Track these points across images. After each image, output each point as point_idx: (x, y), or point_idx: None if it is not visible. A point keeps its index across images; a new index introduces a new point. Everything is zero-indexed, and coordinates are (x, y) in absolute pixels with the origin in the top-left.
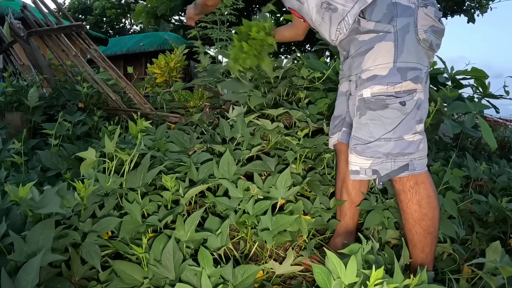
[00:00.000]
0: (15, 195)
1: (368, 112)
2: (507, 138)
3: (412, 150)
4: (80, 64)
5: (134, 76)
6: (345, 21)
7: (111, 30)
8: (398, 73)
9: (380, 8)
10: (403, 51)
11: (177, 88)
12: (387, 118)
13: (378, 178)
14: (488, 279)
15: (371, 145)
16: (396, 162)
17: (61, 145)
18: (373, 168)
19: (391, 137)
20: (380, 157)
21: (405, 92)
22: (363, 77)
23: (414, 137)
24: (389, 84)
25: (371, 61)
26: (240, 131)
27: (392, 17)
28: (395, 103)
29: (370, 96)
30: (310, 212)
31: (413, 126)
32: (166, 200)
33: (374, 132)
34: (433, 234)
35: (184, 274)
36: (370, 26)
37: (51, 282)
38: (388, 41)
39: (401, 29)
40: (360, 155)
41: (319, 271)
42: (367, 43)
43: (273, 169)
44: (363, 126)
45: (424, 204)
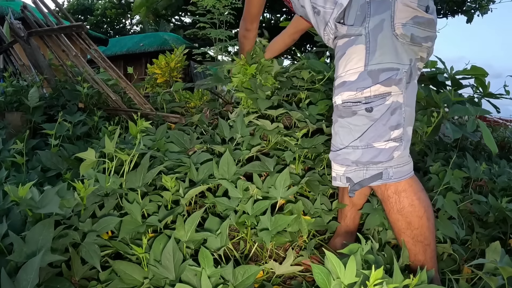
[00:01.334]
0: (15, 195)
1: (339, 119)
2: (507, 138)
3: (384, 158)
4: (80, 64)
5: (134, 76)
6: (328, 26)
7: (111, 30)
8: (369, 76)
9: (354, 10)
10: (375, 52)
11: (177, 88)
12: (355, 125)
13: (350, 186)
14: (488, 279)
15: (340, 153)
16: (368, 171)
17: (61, 145)
18: (347, 175)
19: (358, 145)
20: (350, 164)
21: (376, 96)
22: (335, 84)
23: (387, 145)
24: (358, 89)
25: (343, 67)
26: (240, 131)
27: (364, 18)
28: (361, 110)
29: (341, 102)
30: (310, 212)
31: (385, 133)
32: (166, 201)
33: (343, 139)
34: (424, 242)
35: (184, 274)
36: (343, 31)
37: (51, 282)
38: (358, 44)
39: (373, 29)
40: (334, 162)
41: (319, 271)
42: (341, 49)
43: (271, 170)
44: (335, 134)
45: (407, 213)
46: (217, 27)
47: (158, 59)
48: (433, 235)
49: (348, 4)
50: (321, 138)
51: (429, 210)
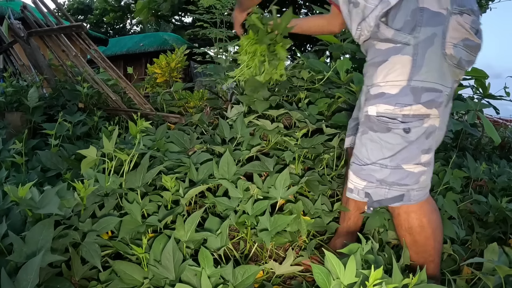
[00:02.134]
0: (14, 195)
1: (370, 132)
2: (507, 138)
3: (410, 181)
4: (80, 64)
5: (134, 76)
6: (366, 22)
7: (111, 30)
8: (411, 93)
9: (404, 13)
10: (422, 67)
11: (177, 88)
12: (387, 143)
13: (369, 203)
14: (486, 278)
15: (365, 168)
16: (391, 191)
17: (61, 145)
18: (366, 191)
19: (388, 164)
20: (373, 182)
21: (415, 116)
22: (371, 93)
23: (415, 168)
24: (397, 104)
25: (382, 76)
26: (240, 131)
27: (414, 26)
28: (398, 129)
29: (375, 114)
30: (310, 212)
31: (417, 156)
32: (166, 200)
33: (371, 155)
34: (429, 258)
35: (184, 274)
36: (388, 34)
37: (51, 282)
38: (405, 54)
39: (424, 41)
40: (355, 174)
41: (319, 272)
42: (382, 54)
43: (271, 169)
44: (362, 145)
45: (415, 232)
46: (217, 26)
47: (159, 59)
48: (438, 253)
49: (396, 4)
50: (321, 138)
51: (438, 232)
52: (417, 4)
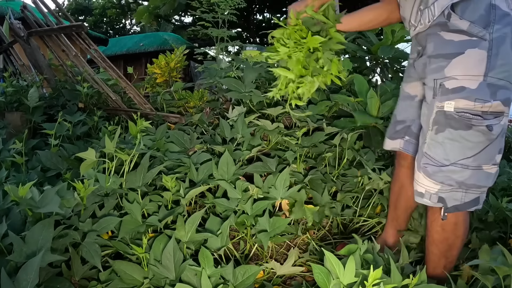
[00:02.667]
0: (15, 195)
1: (448, 129)
2: (507, 138)
3: (487, 183)
4: (80, 64)
5: (134, 76)
6: (430, 10)
7: (111, 30)
8: (488, 89)
9: (477, 7)
10: (496, 65)
11: (177, 88)
12: (469, 142)
13: (444, 209)
14: (484, 278)
15: (444, 169)
16: (468, 194)
17: (61, 145)
18: (440, 195)
19: (469, 165)
20: (452, 184)
21: (493, 114)
22: (447, 86)
23: (493, 169)
24: (477, 100)
25: (460, 69)
26: (240, 131)
27: (489, 22)
28: (481, 126)
29: (453, 111)
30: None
31: (494, 156)
32: (167, 200)
33: (450, 155)
34: (449, 259)
35: (184, 274)
36: (463, 26)
37: (51, 282)
38: (482, 49)
39: (497, 38)
40: (429, 177)
41: (319, 271)
42: (456, 46)
43: (274, 169)
44: (438, 144)
45: (448, 229)
46: (219, 26)
47: (158, 59)
48: (457, 256)
49: None
50: (320, 135)
51: (466, 232)
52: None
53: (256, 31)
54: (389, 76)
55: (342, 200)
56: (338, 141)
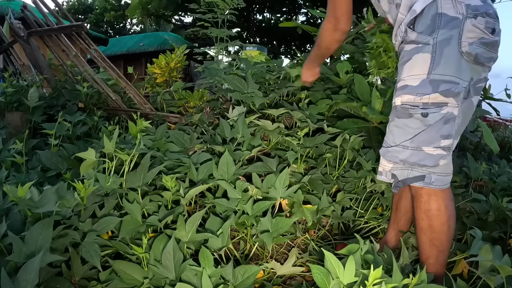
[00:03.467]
0: (14, 195)
1: (395, 119)
2: (507, 138)
3: (430, 163)
4: (80, 64)
5: (134, 76)
6: (400, 29)
7: (111, 30)
8: (430, 85)
9: (425, 19)
10: (440, 63)
11: (177, 88)
12: (409, 127)
13: (394, 183)
14: (487, 278)
15: (390, 150)
16: (412, 171)
17: (61, 145)
18: (392, 172)
19: (409, 145)
20: (397, 162)
21: (433, 104)
22: (397, 86)
23: (434, 151)
24: (418, 94)
25: (407, 71)
26: (241, 131)
27: (434, 29)
28: (417, 113)
29: (400, 104)
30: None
31: (436, 140)
32: (167, 200)
33: (396, 138)
34: (440, 247)
35: (184, 274)
36: (412, 37)
37: (51, 282)
38: (425, 52)
39: (441, 41)
40: (383, 157)
41: (317, 272)
42: (408, 54)
43: (274, 169)
44: (389, 131)
45: (431, 215)
46: (219, 26)
47: (158, 59)
48: (449, 244)
49: (420, 12)
50: (323, 137)
51: (452, 220)
52: (436, 10)
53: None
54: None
55: (342, 201)
56: (339, 142)
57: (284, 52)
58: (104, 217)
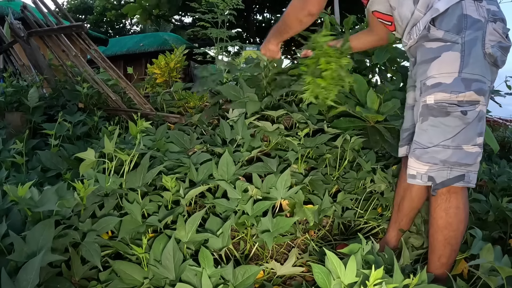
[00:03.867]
0: (14, 195)
1: (430, 118)
2: (507, 138)
3: (470, 161)
4: (80, 65)
5: (134, 76)
6: (417, 27)
7: (111, 30)
8: (462, 83)
9: (451, 18)
10: (469, 63)
11: (177, 88)
12: (448, 126)
13: (433, 185)
14: (487, 279)
15: (429, 151)
16: (452, 171)
17: (61, 145)
18: (429, 174)
19: (450, 145)
20: (437, 163)
21: (468, 102)
22: (427, 84)
23: (473, 149)
24: (452, 92)
25: (437, 69)
26: (241, 133)
27: (461, 29)
28: (456, 112)
29: (433, 102)
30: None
31: (473, 138)
32: (167, 201)
33: (433, 138)
34: (454, 246)
35: (184, 274)
36: (439, 35)
37: (51, 282)
38: (455, 51)
39: (469, 41)
40: (418, 160)
41: (319, 271)
42: (434, 51)
43: (275, 170)
44: (423, 131)
45: (451, 213)
46: (218, 26)
47: (158, 59)
48: (460, 243)
49: (444, 12)
50: (324, 137)
51: (468, 218)
52: (462, 11)
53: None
54: (388, 77)
55: (343, 201)
56: (340, 143)
57: (284, 52)
58: (104, 217)
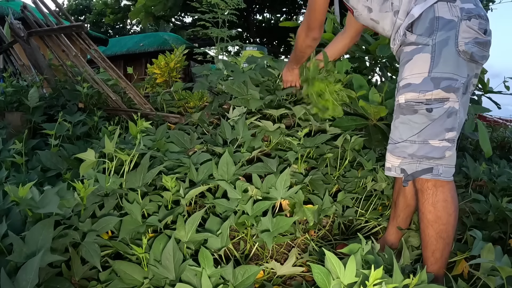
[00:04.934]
0: (14, 195)
1: (400, 116)
2: (507, 138)
3: (437, 155)
4: (80, 64)
5: (134, 76)
6: (398, 33)
7: (111, 30)
8: (431, 82)
9: (424, 22)
10: (439, 62)
11: (177, 88)
12: (415, 123)
13: (404, 177)
14: (487, 279)
15: (398, 145)
16: (421, 164)
17: (61, 145)
18: (401, 167)
19: (416, 140)
20: (406, 157)
21: (436, 100)
22: (400, 85)
23: (440, 143)
24: (421, 91)
25: (409, 70)
26: (241, 133)
27: (433, 31)
28: (422, 109)
29: (404, 102)
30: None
31: (441, 133)
32: (167, 201)
33: (402, 134)
34: (446, 240)
35: (184, 274)
36: (412, 39)
37: (51, 282)
38: (425, 52)
39: (440, 42)
40: (391, 154)
41: (318, 271)
42: (408, 54)
43: (275, 170)
44: (395, 128)
45: (439, 207)
46: (219, 26)
47: (158, 59)
48: (453, 236)
49: (418, 17)
50: (324, 136)
51: (457, 212)
52: (434, 14)
53: (256, 31)
54: (388, 75)
55: (343, 200)
56: (341, 143)
57: (284, 52)
58: (104, 217)
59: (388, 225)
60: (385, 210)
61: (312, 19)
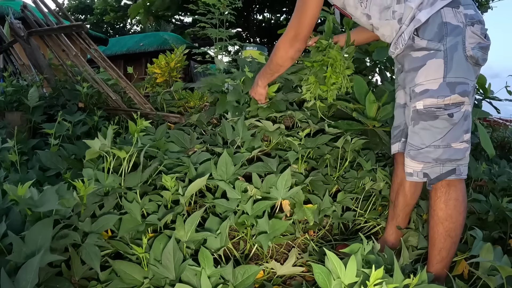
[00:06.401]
0: (14, 194)
1: (421, 122)
2: (507, 138)
3: (459, 156)
4: (80, 64)
5: (134, 76)
6: (402, 37)
7: (111, 30)
8: (448, 87)
9: (432, 27)
10: (452, 67)
11: (177, 88)
12: (437, 128)
13: (428, 180)
14: (487, 279)
15: (422, 151)
16: (445, 167)
17: (61, 145)
18: (424, 171)
19: (440, 145)
20: (430, 161)
21: (454, 104)
22: (416, 91)
23: (461, 145)
24: (439, 97)
25: (424, 76)
26: (241, 133)
27: (442, 36)
28: (443, 115)
29: (423, 108)
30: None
31: (461, 135)
32: (166, 200)
33: (425, 140)
34: (454, 239)
35: (184, 274)
36: (423, 44)
37: (51, 282)
38: (438, 58)
39: (450, 47)
40: (413, 159)
41: (319, 271)
42: (420, 60)
43: (275, 169)
44: (415, 134)
45: (451, 205)
46: (217, 26)
47: (158, 59)
48: (460, 237)
49: (425, 22)
50: (325, 137)
51: (466, 212)
52: (441, 19)
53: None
54: (388, 77)
55: (343, 201)
56: (341, 144)
57: None
58: (103, 216)
59: (386, 225)
60: (384, 210)
61: (302, 25)
